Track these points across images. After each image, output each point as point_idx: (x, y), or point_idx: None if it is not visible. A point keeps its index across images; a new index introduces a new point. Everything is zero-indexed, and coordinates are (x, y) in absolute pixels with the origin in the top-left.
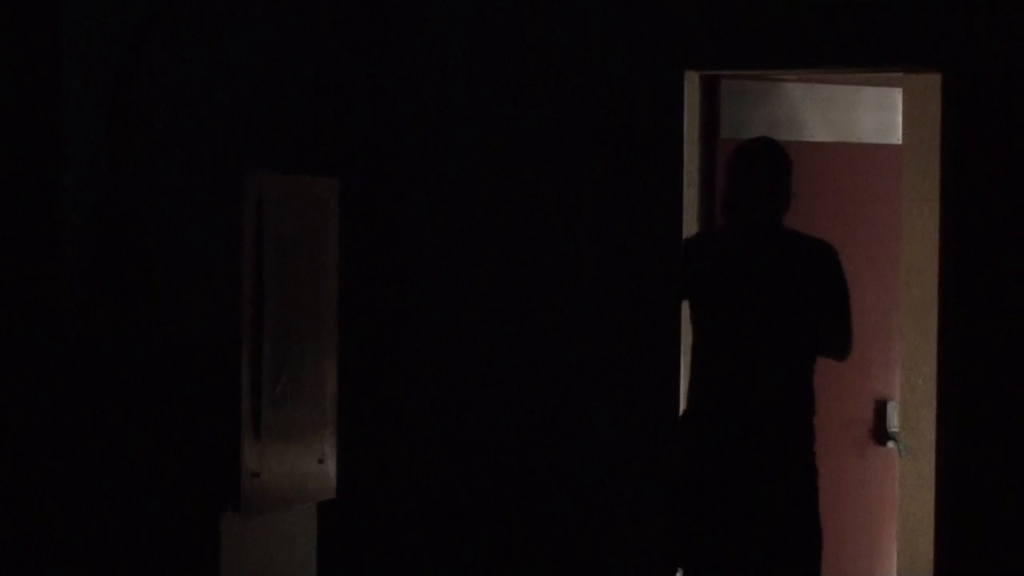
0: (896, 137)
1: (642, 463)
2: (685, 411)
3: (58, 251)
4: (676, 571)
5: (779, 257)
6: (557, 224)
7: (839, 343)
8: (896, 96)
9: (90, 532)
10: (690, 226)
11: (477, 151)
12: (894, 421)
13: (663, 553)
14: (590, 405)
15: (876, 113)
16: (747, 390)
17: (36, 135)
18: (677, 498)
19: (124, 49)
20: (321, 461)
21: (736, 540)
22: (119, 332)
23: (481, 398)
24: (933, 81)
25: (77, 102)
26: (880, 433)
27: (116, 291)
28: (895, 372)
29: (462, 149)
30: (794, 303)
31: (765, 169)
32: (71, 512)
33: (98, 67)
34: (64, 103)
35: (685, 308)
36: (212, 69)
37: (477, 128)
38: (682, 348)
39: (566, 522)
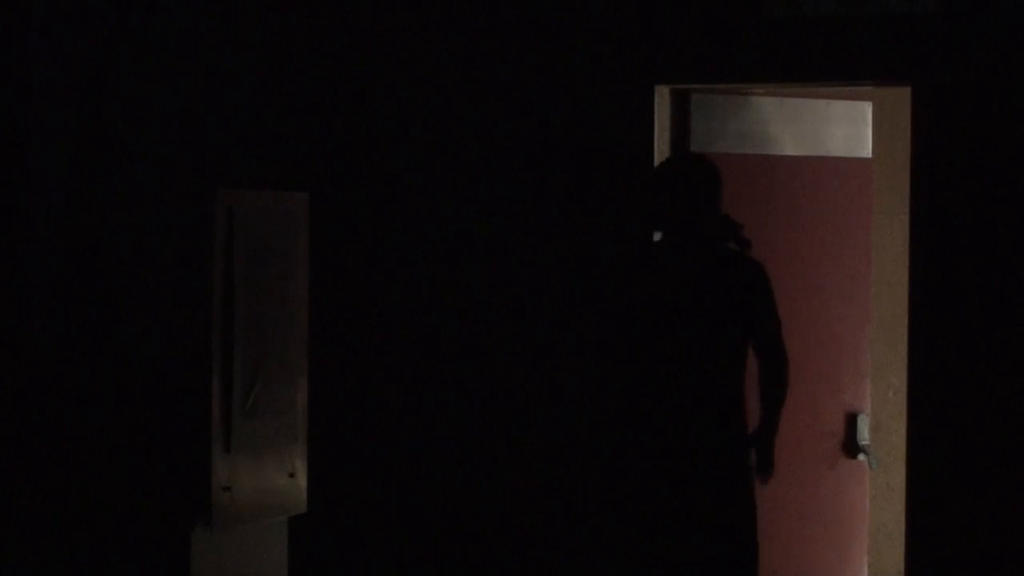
0: (866, 150)
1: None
2: (620, 434)
3: (27, 263)
4: None
5: (713, 279)
6: (528, 237)
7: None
8: (866, 109)
9: (59, 546)
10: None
11: (449, 165)
12: (864, 433)
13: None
14: (558, 417)
15: (846, 127)
16: (683, 408)
17: (4, 147)
18: (622, 513)
19: (93, 62)
20: (292, 475)
21: (674, 552)
22: (88, 344)
23: (451, 410)
24: (903, 95)
25: (46, 113)
26: (851, 445)
27: (85, 302)
28: (866, 384)
29: (434, 163)
30: (727, 326)
31: (702, 185)
32: (39, 526)
33: (67, 79)
34: (33, 114)
35: None
36: (183, 83)
37: (448, 141)
38: None
39: (535, 534)
